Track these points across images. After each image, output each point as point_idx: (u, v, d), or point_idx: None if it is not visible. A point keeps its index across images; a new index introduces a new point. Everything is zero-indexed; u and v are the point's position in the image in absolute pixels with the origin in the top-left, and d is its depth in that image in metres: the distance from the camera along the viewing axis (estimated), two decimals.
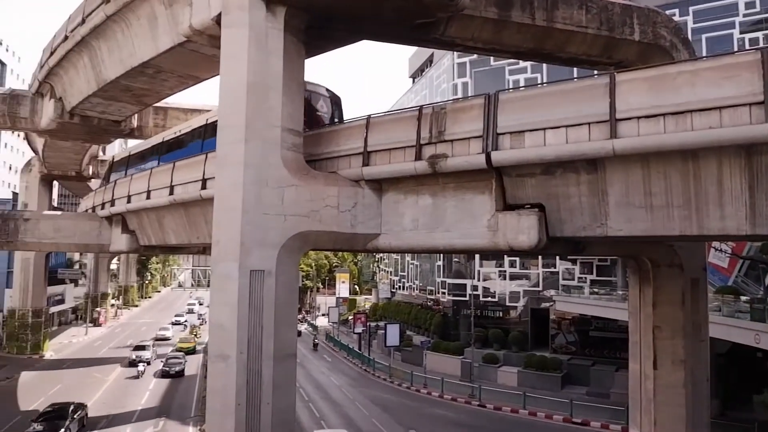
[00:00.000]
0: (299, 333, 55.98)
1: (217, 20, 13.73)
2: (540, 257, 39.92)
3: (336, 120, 17.20)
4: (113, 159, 34.81)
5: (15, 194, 58.27)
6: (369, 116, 13.73)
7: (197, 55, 17.77)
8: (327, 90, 17.80)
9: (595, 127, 10.24)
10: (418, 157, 12.37)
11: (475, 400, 33.79)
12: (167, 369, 39.47)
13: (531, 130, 10.92)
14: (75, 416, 26.47)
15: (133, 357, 42.09)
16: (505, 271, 42.94)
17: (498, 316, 43.31)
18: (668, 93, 9.56)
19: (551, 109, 10.74)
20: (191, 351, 47.24)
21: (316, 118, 16.59)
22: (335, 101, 17.87)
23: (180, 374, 39.41)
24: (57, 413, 26.07)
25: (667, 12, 23.90)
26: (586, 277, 38.87)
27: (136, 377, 38.61)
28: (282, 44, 13.17)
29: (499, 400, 33.28)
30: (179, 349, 46.15)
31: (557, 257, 38.96)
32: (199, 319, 69.93)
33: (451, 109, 12.19)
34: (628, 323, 18.83)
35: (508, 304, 42.80)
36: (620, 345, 33.96)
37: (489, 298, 43.72)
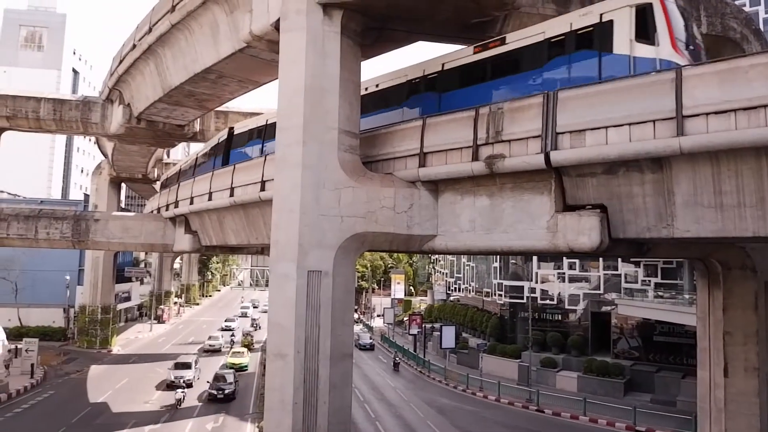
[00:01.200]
0: (372, 347, 55.32)
1: (276, 26, 14.07)
2: (601, 259, 38.68)
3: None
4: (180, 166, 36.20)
5: (86, 196, 61.29)
6: (425, 117, 13.69)
7: (257, 60, 18.23)
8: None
9: (660, 124, 9.82)
10: (475, 157, 12.25)
11: (533, 405, 33.13)
12: (215, 392, 32.38)
13: (592, 129, 10.60)
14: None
15: (172, 378, 34.90)
16: (564, 273, 41.86)
17: (556, 319, 42.27)
18: (740, 87, 9.06)
19: (613, 106, 10.38)
20: (243, 368, 39.67)
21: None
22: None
23: (230, 397, 32.52)
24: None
25: (737, 2, 22.76)
26: (650, 280, 37.36)
27: (175, 407, 30.66)
28: (339, 47, 13.35)
29: (558, 405, 32.50)
30: (230, 366, 38.19)
31: (619, 259, 37.66)
32: (252, 325, 62.24)
33: (508, 108, 12.00)
34: (695, 328, 18.02)
35: (567, 307, 41.70)
36: (687, 351, 32.55)
37: (547, 301, 42.73)
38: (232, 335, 54.73)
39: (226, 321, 63.94)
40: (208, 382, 34.51)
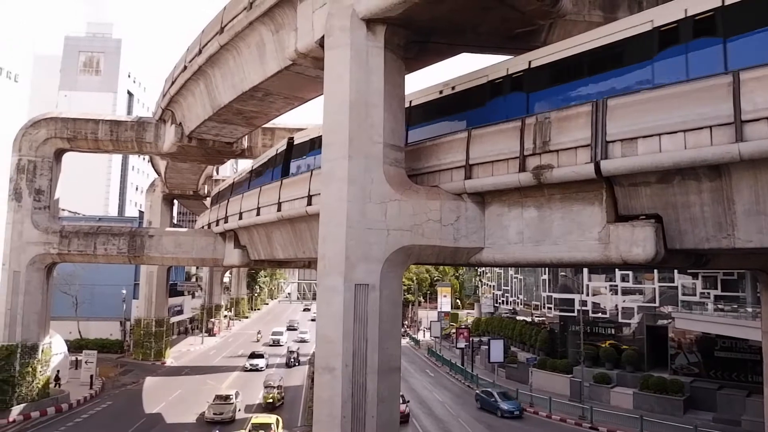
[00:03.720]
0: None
1: (321, 43, 14.33)
2: (656, 271, 37.38)
3: None
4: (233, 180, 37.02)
5: (141, 213, 63.59)
6: (470, 129, 13.60)
7: (302, 77, 18.58)
8: None
9: (717, 130, 9.45)
10: (522, 168, 12.07)
11: (587, 422, 32.08)
12: None
13: (644, 137, 10.29)
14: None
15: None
16: (616, 286, 40.64)
17: (609, 333, 41.00)
18: None
19: (666, 112, 10.05)
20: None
21: None
22: None
23: None
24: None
25: None
26: (709, 292, 35.81)
27: None
28: (382, 62, 13.46)
29: (613, 422, 31.37)
30: (258, 427, 27.16)
31: (675, 271, 36.30)
32: (289, 361, 50.34)
33: (555, 117, 11.78)
34: (760, 343, 17.11)
35: (620, 320, 40.42)
36: (752, 367, 31.05)
37: (599, 314, 41.54)
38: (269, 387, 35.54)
39: (273, 335, 64.57)
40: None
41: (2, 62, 43.38)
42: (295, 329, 73.63)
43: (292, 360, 50.42)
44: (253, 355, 49.50)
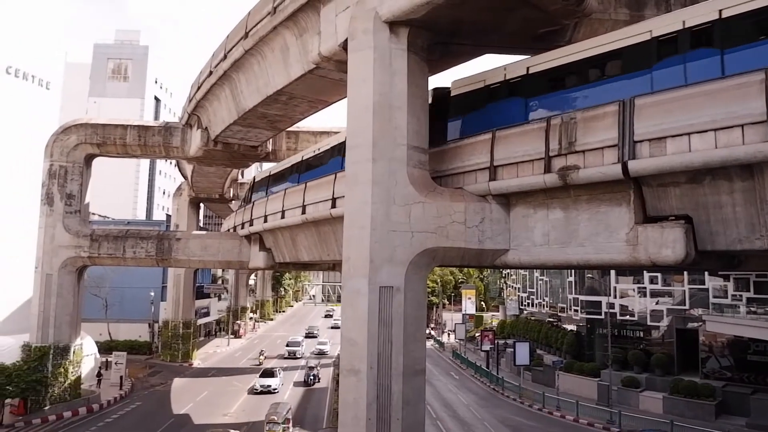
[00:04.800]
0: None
1: (344, 46, 14.40)
2: (686, 273, 36.63)
3: None
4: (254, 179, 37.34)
5: (168, 216, 64.49)
6: (494, 130, 13.50)
7: (326, 81, 18.68)
8: None
9: (749, 128, 9.23)
10: (548, 169, 11.94)
11: (615, 426, 31.57)
12: None
13: (673, 136, 10.10)
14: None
15: None
16: (644, 288, 39.92)
17: (638, 336, 40.28)
18: None
19: (696, 111, 9.85)
20: None
21: None
22: None
23: None
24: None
25: None
26: (741, 295, 34.97)
27: None
28: (405, 64, 13.47)
29: (642, 427, 30.72)
30: None
31: (706, 272, 35.51)
32: (307, 379, 42.89)
33: (581, 117, 11.63)
34: None
35: (649, 323, 39.69)
36: None
37: (627, 317, 40.85)
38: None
39: (288, 346, 55.32)
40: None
41: (35, 70, 44.48)
42: (315, 336, 68.93)
43: (311, 378, 42.61)
44: (265, 373, 40.80)
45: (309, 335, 70.26)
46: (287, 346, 57.23)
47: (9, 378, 28.95)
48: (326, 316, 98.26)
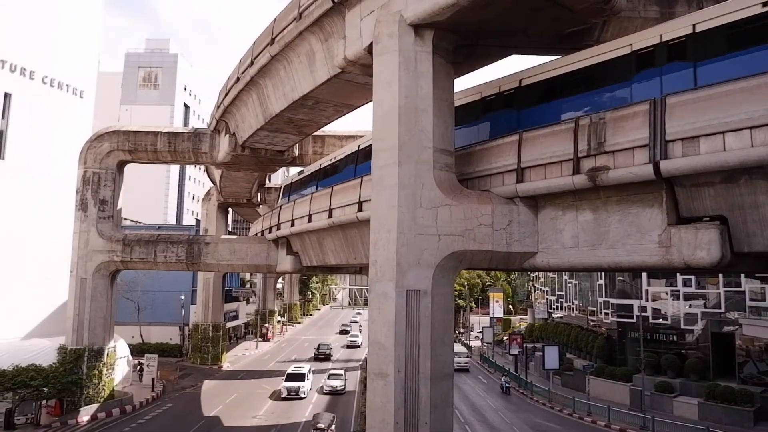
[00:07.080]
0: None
1: (369, 50, 14.42)
2: (720, 275, 35.70)
3: None
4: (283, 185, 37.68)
5: (197, 221, 65.49)
6: (521, 131, 13.36)
7: (351, 85, 18.75)
8: None
9: None
10: (576, 170, 11.74)
11: None
12: None
13: (707, 135, 9.82)
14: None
15: None
16: (678, 291, 39.02)
17: (671, 340, 39.39)
18: None
19: (730, 109, 9.57)
20: None
21: None
22: None
23: None
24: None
25: None
26: None
27: None
28: (431, 66, 13.42)
29: None
30: None
31: (742, 275, 34.56)
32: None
33: (611, 117, 11.42)
34: None
35: (683, 327, 38.77)
36: None
37: (660, 320, 39.98)
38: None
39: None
40: None
41: (69, 80, 45.62)
42: (348, 332, 76.24)
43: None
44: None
45: (343, 332, 77.73)
46: (318, 349, 57.45)
47: (46, 379, 29.64)
48: (353, 322, 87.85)
